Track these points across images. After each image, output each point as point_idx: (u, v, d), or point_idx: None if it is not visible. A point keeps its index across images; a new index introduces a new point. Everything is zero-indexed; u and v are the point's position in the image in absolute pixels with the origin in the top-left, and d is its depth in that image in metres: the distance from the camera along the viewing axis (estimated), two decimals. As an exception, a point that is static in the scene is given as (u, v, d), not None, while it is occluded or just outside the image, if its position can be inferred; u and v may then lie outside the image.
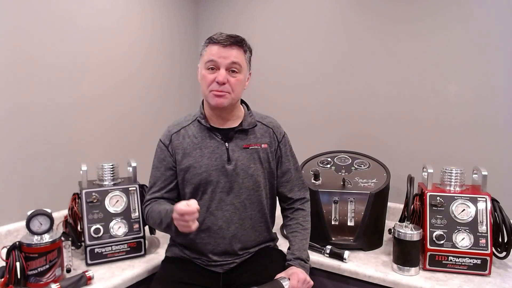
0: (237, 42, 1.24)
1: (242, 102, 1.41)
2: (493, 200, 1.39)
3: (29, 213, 1.25)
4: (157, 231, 1.63)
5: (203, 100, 1.37)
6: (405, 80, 1.82)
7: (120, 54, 1.90)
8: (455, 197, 1.39)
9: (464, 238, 1.34)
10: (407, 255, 1.34)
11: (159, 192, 1.36)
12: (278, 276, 1.22)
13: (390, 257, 1.43)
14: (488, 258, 1.31)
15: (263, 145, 1.35)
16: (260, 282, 1.16)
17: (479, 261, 1.32)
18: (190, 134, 1.34)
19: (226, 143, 1.32)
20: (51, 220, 1.27)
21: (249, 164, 1.32)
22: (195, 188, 1.31)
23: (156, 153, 1.38)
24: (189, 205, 1.10)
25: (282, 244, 1.52)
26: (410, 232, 1.33)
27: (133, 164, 1.59)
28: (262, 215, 1.37)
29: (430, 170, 1.45)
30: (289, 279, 1.20)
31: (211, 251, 1.32)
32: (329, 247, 1.50)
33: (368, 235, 1.55)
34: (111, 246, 1.43)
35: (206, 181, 1.30)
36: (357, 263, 1.43)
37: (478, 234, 1.34)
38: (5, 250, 1.21)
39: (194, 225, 1.12)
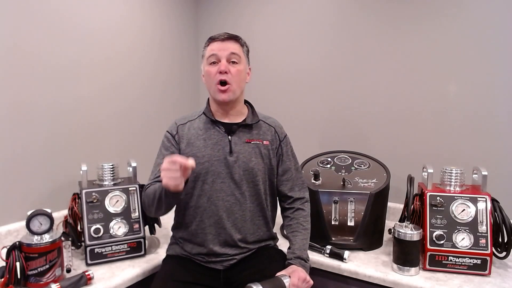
0: (234, 37, 1.36)
1: (246, 102, 1.46)
2: (493, 200, 1.39)
3: (29, 213, 1.25)
4: (157, 231, 1.63)
5: (208, 99, 1.42)
6: (405, 80, 1.82)
7: (120, 54, 1.90)
8: (455, 197, 1.39)
9: (464, 238, 1.34)
10: (407, 255, 1.34)
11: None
12: (278, 274, 1.22)
13: (390, 257, 1.43)
14: (488, 258, 1.31)
15: (265, 142, 1.40)
16: (260, 280, 1.16)
17: (479, 261, 1.32)
18: (195, 126, 1.40)
19: (229, 136, 1.36)
20: (51, 220, 1.27)
21: (251, 158, 1.36)
22: (196, 177, 1.34)
23: (162, 143, 1.42)
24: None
25: (282, 244, 1.52)
26: (410, 232, 1.33)
27: (133, 164, 1.59)
28: (261, 209, 1.39)
29: (430, 170, 1.45)
30: (289, 277, 1.20)
31: (212, 241, 1.34)
32: (329, 247, 1.50)
33: (368, 235, 1.55)
34: (111, 246, 1.43)
35: (207, 170, 1.33)
36: (357, 263, 1.43)
37: (478, 234, 1.34)
38: (5, 250, 1.21)
39: (182, 183, 1.14)
